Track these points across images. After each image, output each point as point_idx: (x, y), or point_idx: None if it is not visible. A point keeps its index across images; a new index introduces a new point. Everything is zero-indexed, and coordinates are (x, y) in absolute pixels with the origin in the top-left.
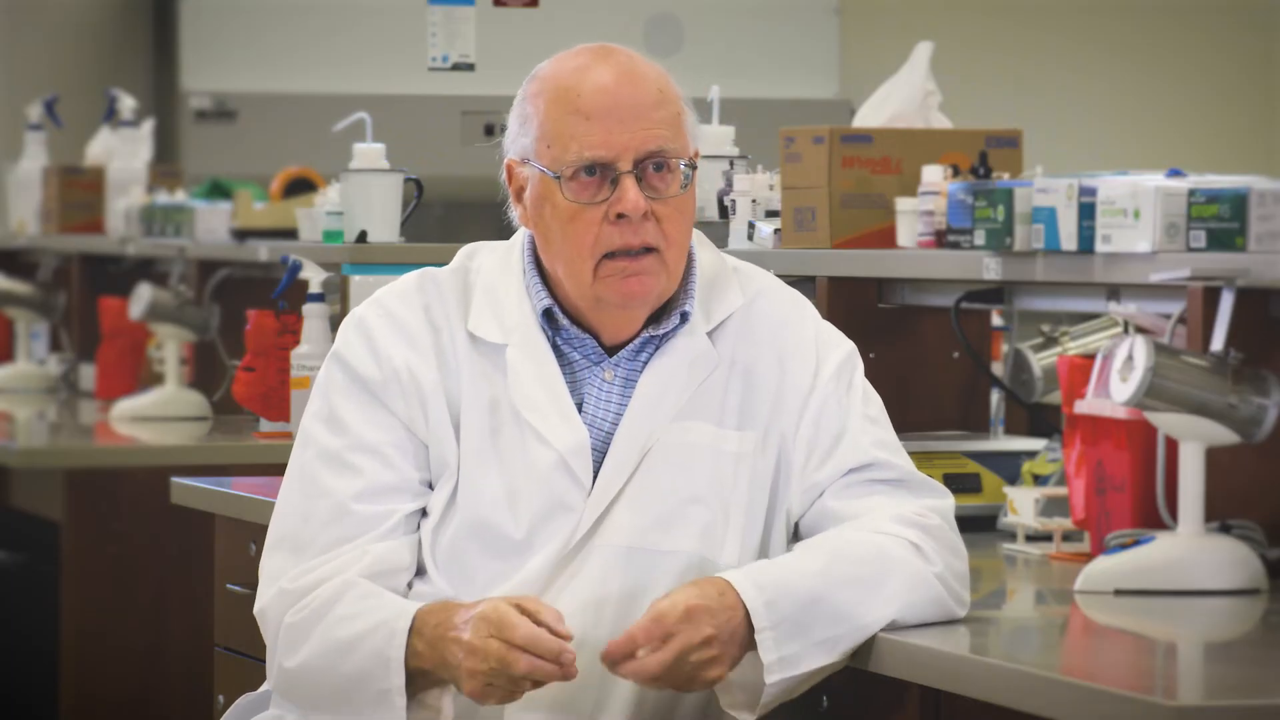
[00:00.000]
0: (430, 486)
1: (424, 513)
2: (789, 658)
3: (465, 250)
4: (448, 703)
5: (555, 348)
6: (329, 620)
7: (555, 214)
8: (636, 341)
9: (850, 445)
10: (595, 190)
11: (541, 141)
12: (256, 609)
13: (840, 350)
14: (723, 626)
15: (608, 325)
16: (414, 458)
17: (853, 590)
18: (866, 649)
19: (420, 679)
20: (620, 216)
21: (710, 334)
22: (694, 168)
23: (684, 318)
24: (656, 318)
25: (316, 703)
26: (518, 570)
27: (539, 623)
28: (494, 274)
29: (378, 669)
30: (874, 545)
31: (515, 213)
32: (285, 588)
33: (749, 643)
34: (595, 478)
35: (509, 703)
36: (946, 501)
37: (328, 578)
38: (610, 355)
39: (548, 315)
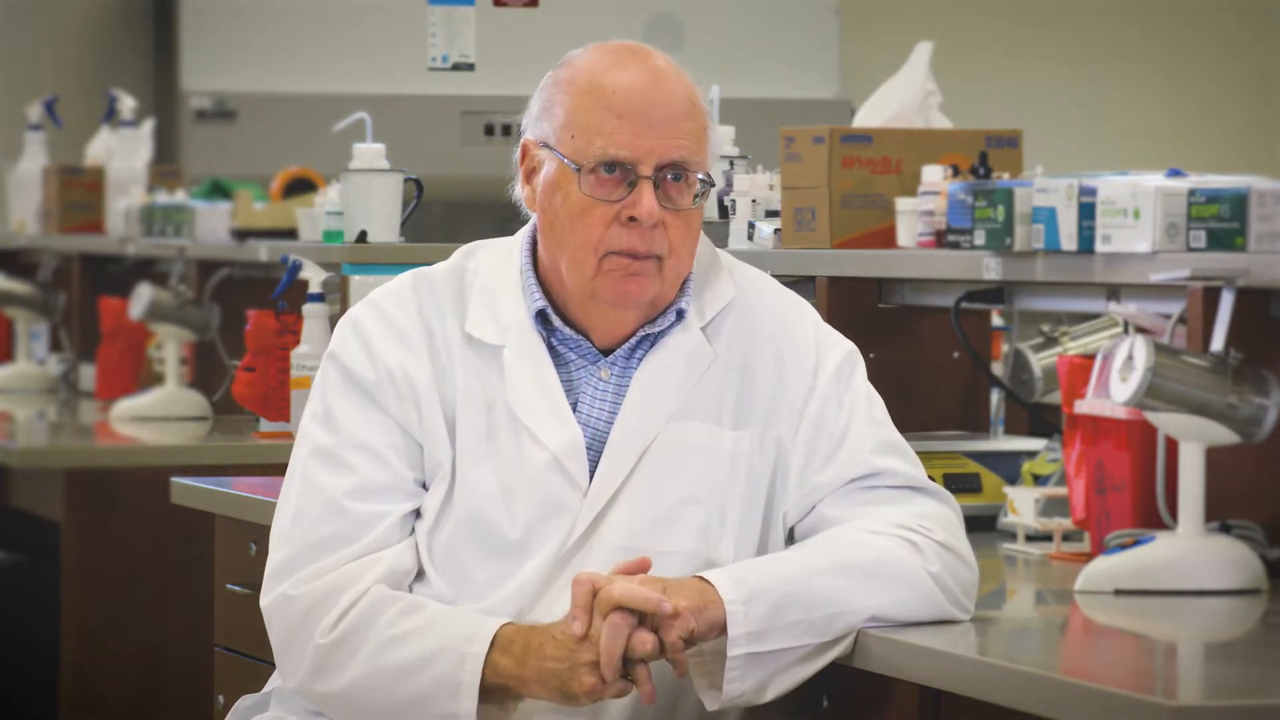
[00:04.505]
0: (425, 487)
1: (418, 514)
2: (756, 633)
3: (463, 250)
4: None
5: (551, 348)
6: (374, 642)
7: (566, 204)
8: (632, 340)
9: (851, 451)
10: (612, 189)
11: (566, 130)
12: (262, 604)
13: (840, 351)
14: (702, 626)
15: (598, 325)
16: (409, 458)
17: (834, 578)
18: (866, 648)
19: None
20: (632, 220)
21: (704, 329)
22: (711, 184)
23: (680, 315)
24: (651, 315)
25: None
26: (516, 571)
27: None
28: (492, 274)
29: (443, 692)
30: (866, 541)
31: (522, 193)
32: (290, 594)
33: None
34: (592, 478)
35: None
36: (951, 510)
37: (342, 589)
38: (605, 355)
39: (541, 317)
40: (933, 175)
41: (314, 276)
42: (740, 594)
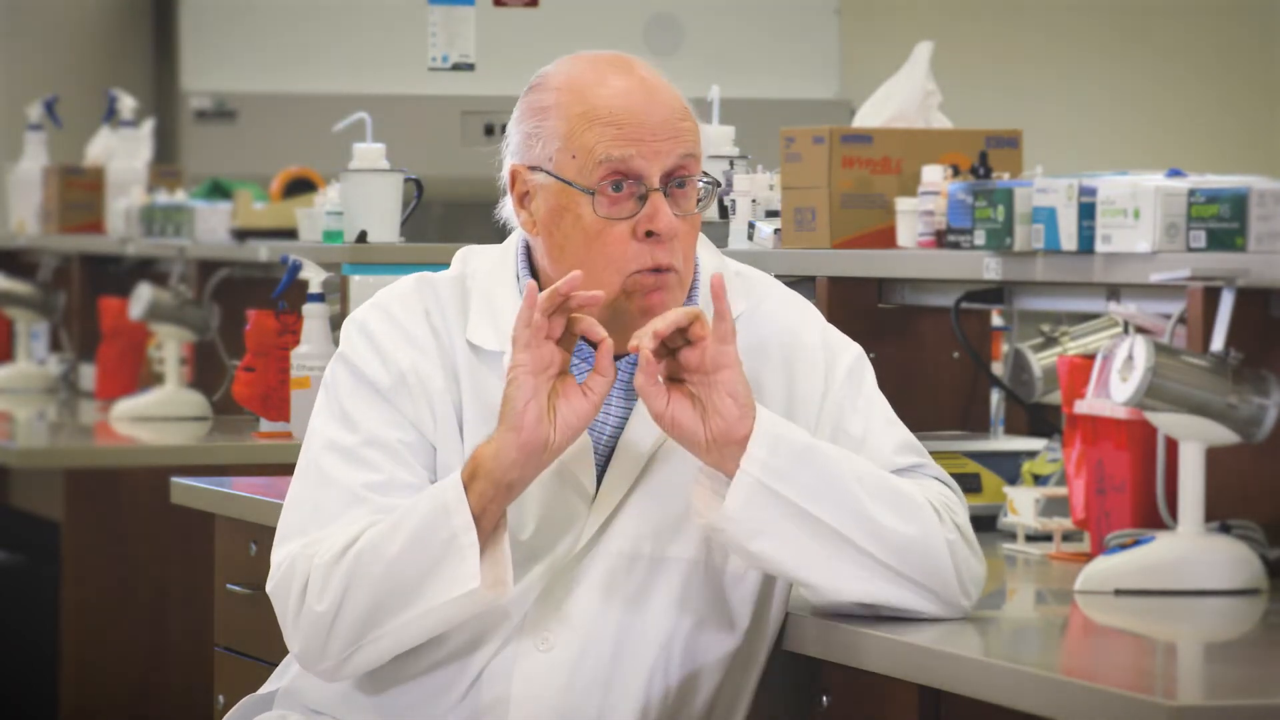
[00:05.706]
0: None
1: None
2: (775, 468)
3: (459, 255)
4: (508, 573)
5: None
6: (363, 540)
7: (579, 226)
8: None
9: (873, 453)
10: (624, 205)
11: (564, 152)
12: (269, 586)
13: (849, 354)
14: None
15: (616, 336)
16: (424, 458)
17: (863, 483)
18: (866, 648)
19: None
20: (650, 234)
21: None
22: (718, 185)
23: None
24: None
25: (365, 612)
26: (523, 574)
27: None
28: (489, 279)
29: (438, 519)
30: (895, 479)
31: (518, 219)
32: (303, 553)
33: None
34: (599, 483)
35: (564, 366)
36: (964, 510)
37: (340, 533)
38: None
39: None
40: (933, 175)
41: (314, 276)
42: (773, 431)
